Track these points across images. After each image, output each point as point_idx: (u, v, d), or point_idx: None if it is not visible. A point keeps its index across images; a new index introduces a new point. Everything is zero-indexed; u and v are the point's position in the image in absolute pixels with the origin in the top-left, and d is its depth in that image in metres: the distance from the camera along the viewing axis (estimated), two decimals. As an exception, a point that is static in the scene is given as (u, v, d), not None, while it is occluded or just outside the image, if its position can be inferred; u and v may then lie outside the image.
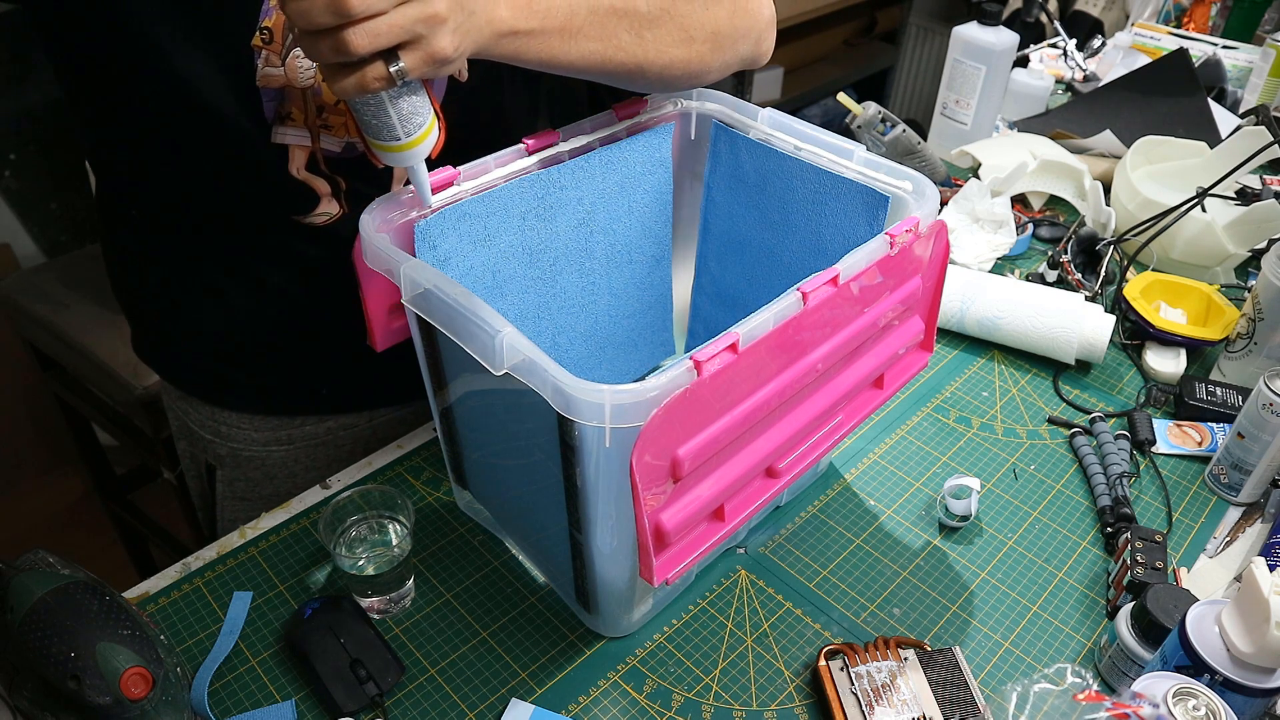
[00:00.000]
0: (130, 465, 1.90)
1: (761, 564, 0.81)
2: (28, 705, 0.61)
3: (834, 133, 0.79)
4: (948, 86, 1.44)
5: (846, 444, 0.93)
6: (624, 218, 0.85)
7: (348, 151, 0.78)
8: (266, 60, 0.72)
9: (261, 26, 0.71)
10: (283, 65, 0.72)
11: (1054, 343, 1.02)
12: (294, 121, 0.75)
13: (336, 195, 0.79)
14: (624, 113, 0.81)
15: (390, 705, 0.69)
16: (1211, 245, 1.14)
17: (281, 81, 0.72)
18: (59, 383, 1.62)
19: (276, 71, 0.72)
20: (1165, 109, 1.42)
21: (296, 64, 0.72)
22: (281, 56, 0.72)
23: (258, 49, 0.71)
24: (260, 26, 0.71)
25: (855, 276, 0.65)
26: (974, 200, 1.18)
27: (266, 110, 0.74)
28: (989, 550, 0.84)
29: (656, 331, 0.95)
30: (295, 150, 0.76)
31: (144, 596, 0.76)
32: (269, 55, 0.72)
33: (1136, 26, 1.80)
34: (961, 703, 0.68)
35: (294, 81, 0.73)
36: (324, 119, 0.75)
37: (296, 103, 0.74)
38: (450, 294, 0.60)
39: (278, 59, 0.72)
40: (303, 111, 0.74)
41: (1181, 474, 0.92)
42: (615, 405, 0.54)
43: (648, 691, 0.71)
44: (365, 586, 0.73)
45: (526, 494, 0.73)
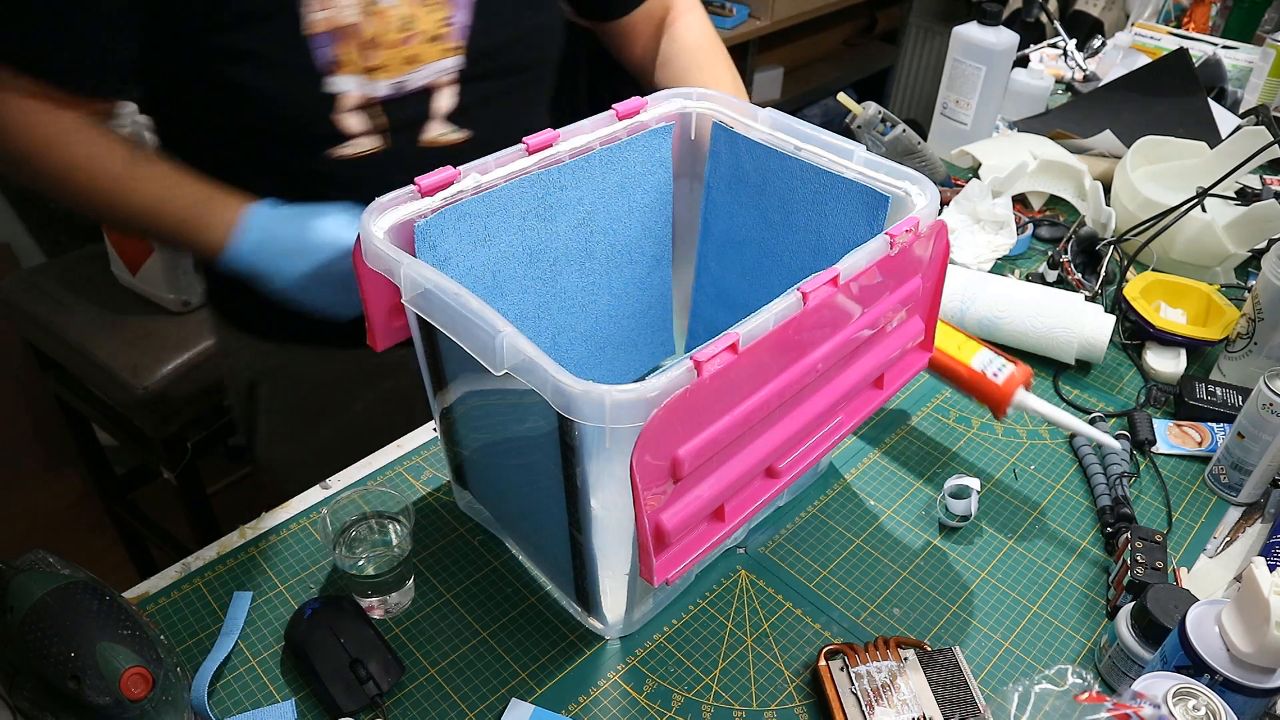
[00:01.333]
0: (130, 465, 1.90)
1: (761, 564, 0.81)
2: (28, 705, 0.61)
3: (834, 133, 0.79)
4: (948, 86, 1.44)
5: (846, 444, 0.93)
6: (624, 218, 0.85)
7: (397, 91, 0.82)
8: (313, 6, 0.75)
9: None
10: (329, 7, 0.76)
11: (1054, 343, 1.02)
12: (346, 68, 0.79)
13: (378, 131, 0.83)
14: (624, 113, 0.81)
15: (390, 705, 0.69)
16: (1211, 245, 1.14)
17: (328, 24, 0.76)
18: (59, 383, 1.62)
19: (322, 14, 0.76)
20: (1165, 109, 1.42)
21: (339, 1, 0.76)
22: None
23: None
24: None
25: (855, 276, 0.65)
26: (975, 200, 1.18)
27: (318, 59, 0.77)
28: (989, 550, 0.84)
29: (656, 331, 0.95)
30: (346, 97, 0.80)
31: (144, 596, 0.76)
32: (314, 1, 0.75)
33: (1136, 26, 1.80)
34: (961, 703, 0.68)
35: (338, 20, 0.76)
36: (371, 59, 0.79)
37: (347, 43, 0.78)
38: (450, 294, 0.60)
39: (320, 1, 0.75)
40: (352, 53, 0.78)
41: (1181, 474, 0.92)
42: (615, 405, 0.54)
43: (648, 691, 0.71)
44: (365, 587, 0.73)
45: (526, 494, 0.73)
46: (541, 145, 0.76)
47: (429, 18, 0.81)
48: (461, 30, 0.83)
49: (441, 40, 0.82)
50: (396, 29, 0.79)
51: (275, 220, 0.78)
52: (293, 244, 0.76)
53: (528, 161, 0.75)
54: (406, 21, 0.79)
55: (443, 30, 0.82)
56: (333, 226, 0.76)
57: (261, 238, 0.77)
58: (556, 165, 0.76)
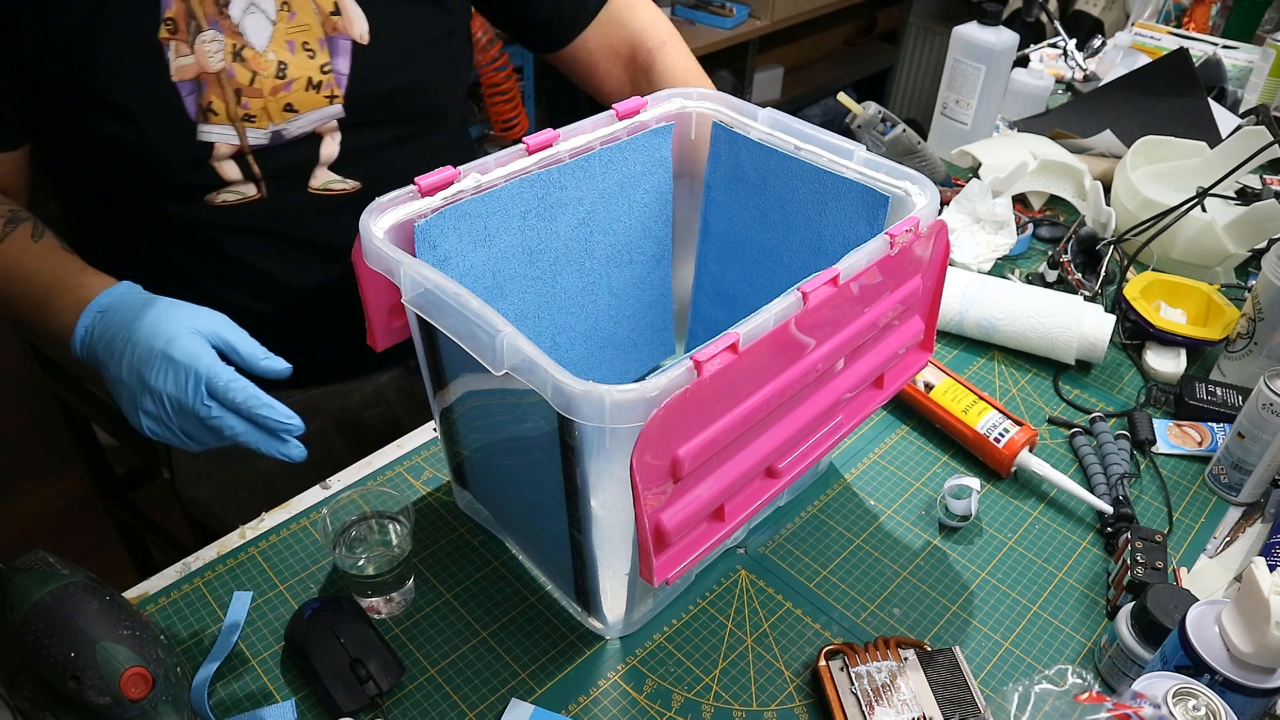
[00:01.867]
0: (130, 465, 1.90)
1: (761, 564, 0.81)
2: (28, 705, 0.61)
3: (834, 133, 0.79)
4: (948, 86, 1.44)
5: (846, 444, 0.93)
6: (624, 218, 0.85)
7: (274, 140, 0.78)
8: (176, 51, 0.72)
9: (165, 18, 0.71)
10: (193, 52, 0.72)
11: (1054, 343, 1.02)
12: (216, 116, 0.75)
13: (253, 179, 0.80)
14: (624, 113, 0.81)
15: (390, 705, 0.69)
16: (1211, 245, 1.14)
17: (195, 70, 0.73)
18: (59, 383, 1.62)
19: (188, 60, 0.72)
20: (1165, 109, 1.41)
21: (204, 48, 0.72)
22: (189, 43, 0.72)
23: (166, 42, 0.71)
24: (164, 18, 0.71)
25: (855, 276, 0.65)
26: (975, 200, 1.18)
27: (188, 106, 0.74)
28: (989, 550, 0.84)
29: (656, 331, 0.95)
30: (220, 146, 0.76)
31: (144, 596, 0.76)
32: (178, 46, 0.71)
33: (1136, 26, 1.80)
34: (961, 703, 0.68)
35: (206, 66, 0.73)
36: (245, 106, 0.76)
37: (215, 90, 0.74)
38: (450, 294, 0.60)
39: (187, 46, 0.72)
40: (223, 100, 0.74)
41: (1181, 474, 0.92)
42: (615, 405, 0.54)
43: (648, 691, 0.71)
44: (365, 586, 0.73)
45: (526, 494, 0.73)
46: (541, 145, 0.76)
47: (306, 64, 0.78)
48: (340, 78, 0.80)
49: (321, 89, 0.79)
50: (272, 75, 0.76)
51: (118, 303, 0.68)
52: (118, 332, 0.66)
53: (528, 161, 0.75)
54: (281, 68, 0.76)
55: (323, 77, 0.79)
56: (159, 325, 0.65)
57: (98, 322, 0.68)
58: (556, 165, 0.76)
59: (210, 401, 0.64)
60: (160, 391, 0.64)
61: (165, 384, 0.64)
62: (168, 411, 0.64)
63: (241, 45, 0.74)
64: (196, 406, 0.64)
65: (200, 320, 0.66)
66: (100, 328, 0.67)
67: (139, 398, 0.64)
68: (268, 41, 0.75)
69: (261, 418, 0.65)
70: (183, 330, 0.65)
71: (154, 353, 0.64)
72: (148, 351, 0.64)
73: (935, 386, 0.94)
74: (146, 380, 0.64)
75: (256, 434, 0.65)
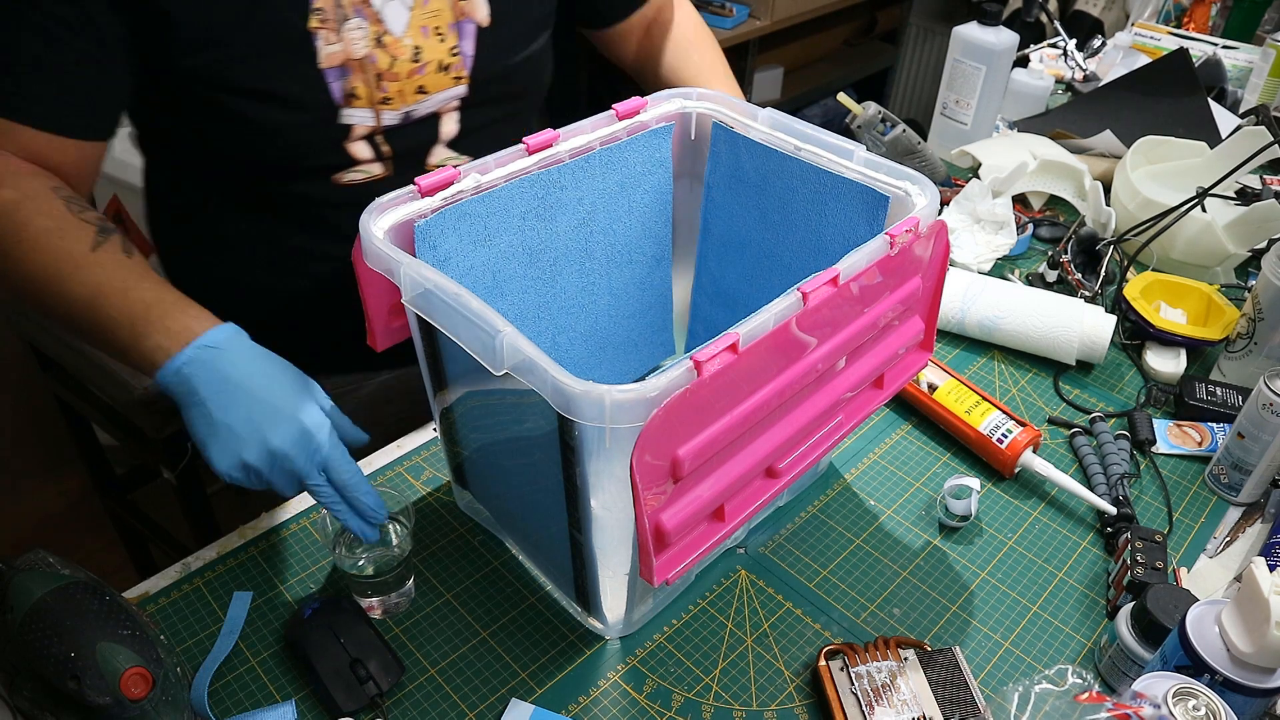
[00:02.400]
0: (130, 465, 1.90)
1: (761, 564, 0.81)
2: (28, 705, 0.61)
3: (834, 133, 0.79)
4: (948, 86, 1.44)
5: (846, 444, 0.93)
6: (624, 218, 0.85)
7: (404, 120, 0.83)
8: (325, 39, 0.75)
9: (314, 8, 0.74)
10: (340, 40, 0.76)
11: (1054, 343, 1.02)
12: (359, 100, 0.79)
13: (381, 159, 0.84)
14: (624, 113, 0.81)
15: (390, 705, 0.69)
16: (1211, 245, 1.14)
17: (341, 57, 0.76)
18: (59, 383, 1.62)
19: (335, 48, 0.76)
20: (1165, 109, 1.41)
21: (350, 35, 0.76)
22: (336, 31, 0.76)
23: (315, 31, 0.75)
24: (313, 8, 0.74)
25: (855, 276, 0.65)
26: (975, 201, 1.18)
27: (334, 91, 0.78)
28: (989, 550, 0.84)
29: (656, 331, 0.95)
30: (357, 128, 0.80)
31: (144, 596, 0.76)
32: (326, 35, 0.75)
33: (1136, 26, 1.80)
34: (961, 703, 0.68)
35: (351, 53, 0.77)
36: (383, 90, 0.80)
37: (359, 76, 0.78)
38: (450, 294, 0.60)
39: (334, 34, 0.75)
40: (365, 85, 0.79)
41: (1181, 474, 0.92)
42: (615, 405, 0.54)
43: (648, 691, 0.71)
44: (365, 586, 0.73)
45: (526, 494, 0.73)
46: (541, 145, 0.76)
47: (438, 48, 0.82)
48: (466, 59, 0.84)
49: (450, 70, 0.83)
50: (408, 59, 0.80)
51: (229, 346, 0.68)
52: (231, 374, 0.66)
53: (528, 161, 0.75)
54: (416, 52, 0.81)
55: (451, 60, 0.83)
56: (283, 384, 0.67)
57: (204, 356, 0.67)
58: (556, 165, 0.76)
59: (321, 473, 0.67)
60: (279, 450, 0.65)
61: (286, 444, 0.65)
62: (273, 466, 0.65)
63: (382, 32, 0.78)
64: (309, 473, 0.66)
65: (312, 384, 0.69)
66: (207, 362, 0.66)
67: (243, 447, 0.65)
68: (405, 28, 0.79)
69: (356, 499, 0.68)
70: (308, 397, 0.67)
71: (281, 414, 0.65)
72: (273, 411, 0.65)
73: (939, 387, 0.94)
74: (267, 436, 0.64)
75: (346, 510, 0.69)
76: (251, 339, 0.70)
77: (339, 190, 0.84)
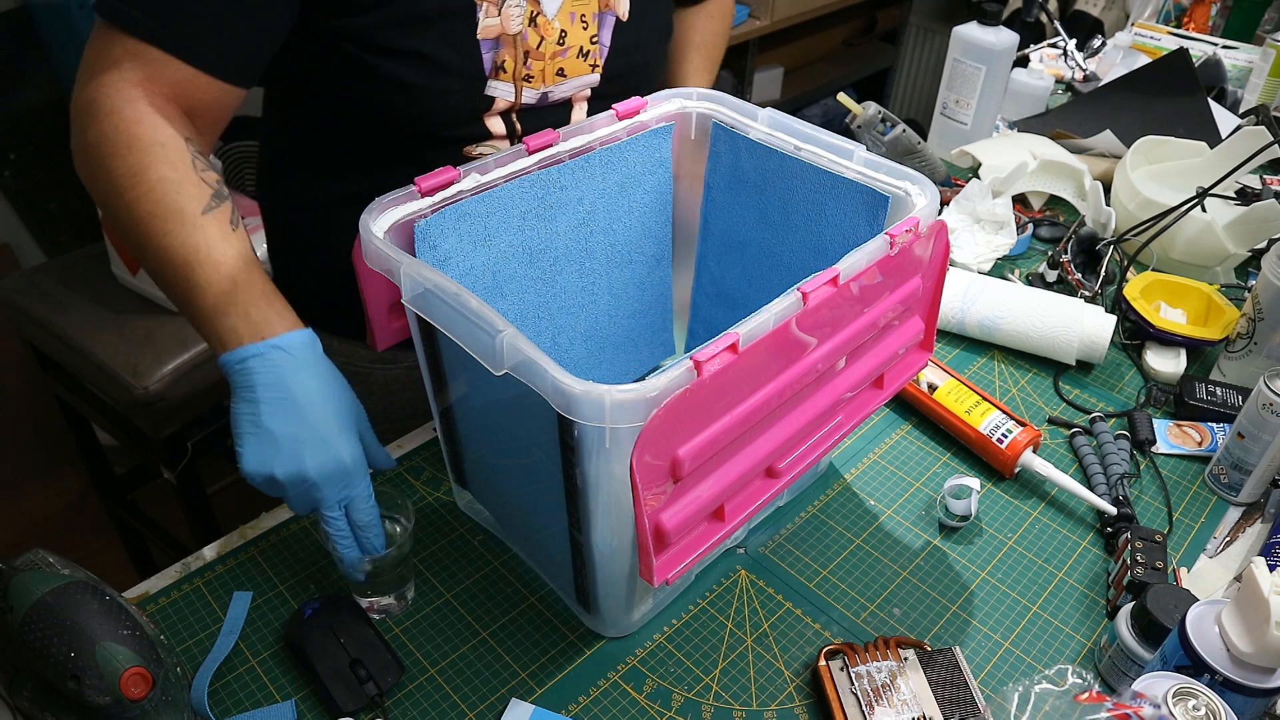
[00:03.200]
0: (130, 465, 1.90)
1: (761, 564, 0.81)
2: (28, 705, 0.61)
3: (834, 133, 0.79)
4: (948, 86, 1.44)
5: (846, 444, 0.93)
6: (624, 218, 0.85)
7: (541, 101, 0.85)
8: (486, 12, 0.78)
9: None
10: (499, 15, 0.78)
11: (1054, 343, 1.02)
12: (505, 74, 0.81)
13: (513, 135, 0.85)
14: (624, 113, 0.81)
15: (390, 705, 0.69)
16: (1211, 245, 1.14)
17: (497, 30, 0.79)
18: (59, 383, 1.62)
19: (494, 21, 0.78)
20: (1165, 109, 1.42)
21: (509, 11, 0.78)
22: (498, 6, 0.78)
23: (479, 3, 0.77)
24: None
25: (855, 276, 0.65)
26: (975, 201, 1.18)
27: (485, 62, 0.79)
28: (989, 550, 0.84)
29: (656, 331, 0.95)
30: (499, 101, 0.82)
31: (144, 596, 0.76)
32: (488, 8, 0.77)
33: (1136, 26, 1.80)
34: (961, 703, 0.68)
35: (507, 28, 0.79)
36: (528, 67, 0.82)
37: (509, 50, 0.80)
38: (450, 294, 0.60)
39: (495, 9, 0.78)
40: (513, 60, 0.81)
41: (1181, 474, 0.92)
42: (615, 405, 0.54)
43: (648, 691, 0.71)
44: (365, 586, 0.73)
45: (526, 494, 0.73)
46: (541, 145, 0.76)
47: (581, 34, 0.84)
48: (603, 49, 0.86)
49: (588, 57, 0.85)
50: (554, 41, 0.82)
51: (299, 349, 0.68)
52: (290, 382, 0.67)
53: (528, 161, 0.75)
54: (562, 36, 0.83)
55: (591, 47, 0.85)
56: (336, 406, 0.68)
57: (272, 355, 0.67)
58: (556, 165, 0.76)
59: (341, 508, 0.68)
60: (310, 478, 0.65)
61: (319, 475, 0.65)
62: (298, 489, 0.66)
63: (537, 12, 0.80)
64: (331, 506, 0.67)
65: (360, 411, 0.70)
66: (274, 363, 0.67)
67: (277, 461, 0.65)
68: (557, 11, 0.81)
69: (364, 539, 0.70)
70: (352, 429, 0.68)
71: (325, 443, 0.66)
72: (318, 438, 0.66)
73: (939, 387, 0.94)
74: (304, 460, 0.65)
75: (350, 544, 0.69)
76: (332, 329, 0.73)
77: (464, 160, 0.84)
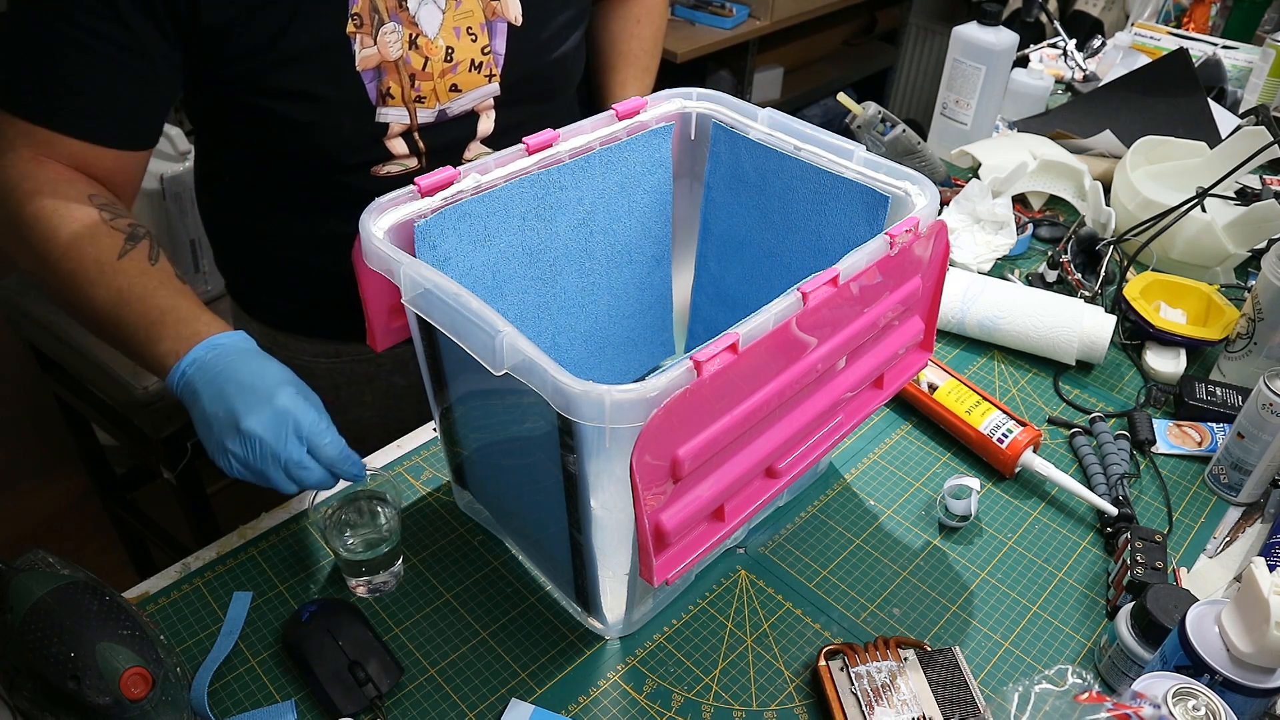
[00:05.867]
0: (130, 465, 1.90)
1: (761, 564, 0.81)
2: (28, 705, 0.61)
3: (834, 133, 0.79)
4: (948, 86, 1.44)
5: (846, 444, 0.93)
6: (624, 218, 0.85)
7: (440, 118, 0.85)
8: (361, 44, 0.78)
9: (352, 13, 0.77)
10: (375, 44, 0.78)
11: (1054, 343, 1.02)
12: (394, 100, 0.81)
13: (417, 154, 0.86)
14: (624, 113, 0.81)
15: (390, 705, 0.69)
16: (1211, 245, 1.14)
17: (376, 59, 0.79)
18: (59, 383, 1.62)
19: (370, 51, 0.78)
20: (1165, 109, 1.42)
21: (385, 39, 0.78)
22: (372, 35, 0.78)
23: (352, 36, 0.77)
24: (351, 14, 0.77)
25: (855, 276, 0.65)
26: (975, 201, 1.18)
27: (370, 92, 0.80)
28: (989, 550, 0.84)
29: (656, 331, 0.95)
30: (394, 125, 0.83)
31: (144, 596, 0.76)
32: (363, 39, 0.78)
33: (1136, 26, 1.80)
34: (961, 703, 0.68)
35: (386, 55, 0.79)
36: (417, 89, 0.82)
37: (393, 77, 0.80)
38: (450, 294, 0.60)
39: (369, 39, 0.78)
40: (399, 85, 0.81)
41: (1181, 474, 0.92)
42: (615, 405, 0.54)
43: (648, 691, 0.71)
44: (357, 566, 0.74)
45: (526, 494, 0.73)
46: (541, 145, 0.76)
47: (470, 47, 0.83)
48: (498, 58, 0.86)
49: (482, 69, 0.85)
50: (441, 59, 0.82)
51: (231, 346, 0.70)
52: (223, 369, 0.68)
53: (528, 161, 0.75)
54: (449, 53, 0.82)
55: (483, 58, 0.85)
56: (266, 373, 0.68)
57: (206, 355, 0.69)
58: (556, 165, 0.76)
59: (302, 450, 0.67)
60: (250, 432, 0.65)
61: (258, 427, 0.65)
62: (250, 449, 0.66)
63: (416, 34, 0.80)
64: (284, 451, 0.66)
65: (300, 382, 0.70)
66: (207, 363, 0.69)
67: (224, 433, 0.66)
68: (438, 29, 0.81)
69: (344, 473, 0.69)
70: (288, 384, 0.68)
71: (257, 397, 0.66)
72: (249, 396, 0.66)
73: (939, 387, 0.94)
74: (239, 420, 0.65)
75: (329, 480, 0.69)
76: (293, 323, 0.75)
77: (377, 181, 0.86)
